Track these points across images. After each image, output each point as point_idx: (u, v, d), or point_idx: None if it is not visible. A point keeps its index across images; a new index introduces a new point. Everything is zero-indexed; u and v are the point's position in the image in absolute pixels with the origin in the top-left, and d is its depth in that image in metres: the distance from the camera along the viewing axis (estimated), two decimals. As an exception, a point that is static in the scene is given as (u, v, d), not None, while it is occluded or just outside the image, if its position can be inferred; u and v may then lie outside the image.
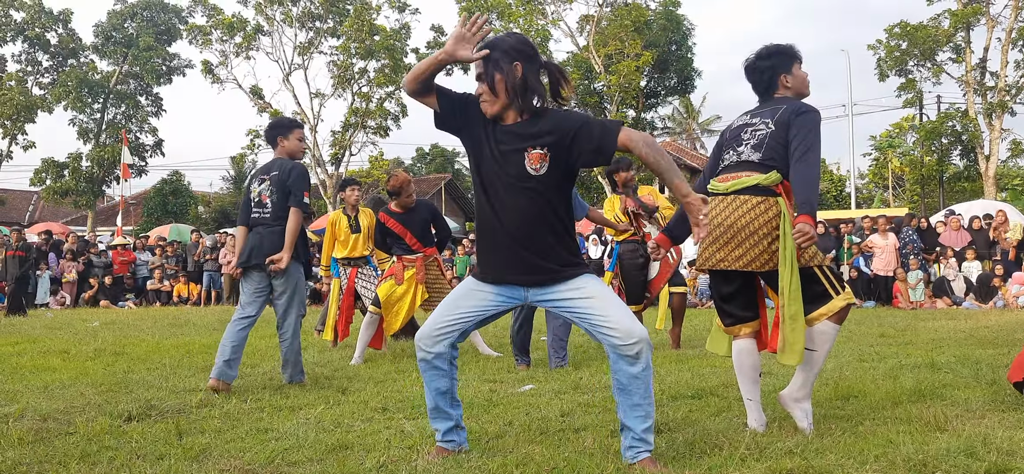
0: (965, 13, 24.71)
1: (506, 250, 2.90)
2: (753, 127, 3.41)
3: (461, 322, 2.97)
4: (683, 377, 5.01)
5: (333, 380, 5.16)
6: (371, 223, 7.20)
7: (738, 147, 3.42)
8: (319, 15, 29.38)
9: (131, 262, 17.37)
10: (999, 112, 24.83)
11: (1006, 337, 7.31)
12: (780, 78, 3.50)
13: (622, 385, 2.81)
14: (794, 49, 3.55)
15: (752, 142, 3.37)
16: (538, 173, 2.84)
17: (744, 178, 3.33)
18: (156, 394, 4.64)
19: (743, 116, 3.54)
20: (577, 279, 2.88)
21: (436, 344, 2.96)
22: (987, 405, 3.85)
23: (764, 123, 3.38)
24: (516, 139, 2.87)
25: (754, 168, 3.32)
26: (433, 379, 3.01)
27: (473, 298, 2.98)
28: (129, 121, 32.09)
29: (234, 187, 36.56)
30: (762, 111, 3.46)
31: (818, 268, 3.35)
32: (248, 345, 7.46)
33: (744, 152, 3.38)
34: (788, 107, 3.36)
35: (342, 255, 7.17)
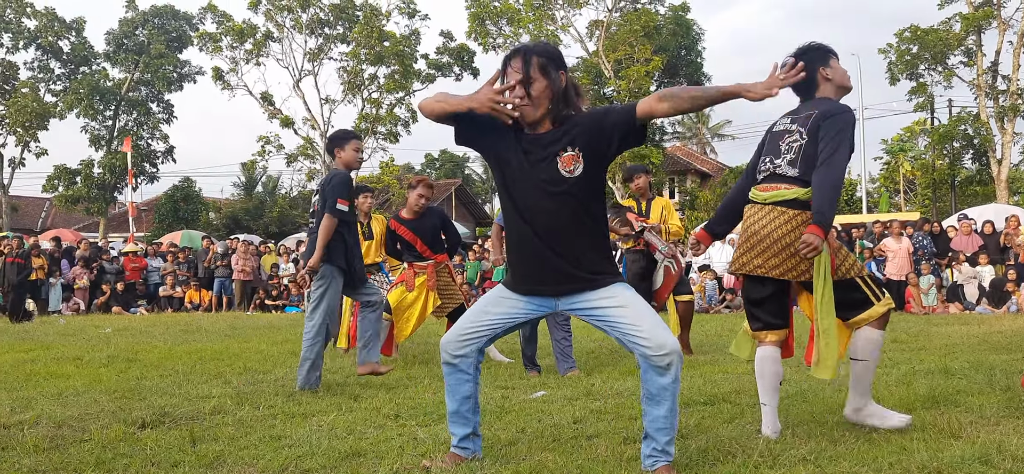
0: (976, 16, 24.60)
1: (538, 259, 2.88)
2: (791, 137, 3.41)
3: (489, 329, 2.98)
4: (696, 383, 5.00)
5: (345, 387, 5.17)
6: (383, 230, 7.24)
7: (776, 158, 3.43)
8: (328, 21, 29.52)
9: (143, 268, 17.46)
10: (1011, 115, 24.68)
11: (1020, 342, 7.26)
12: (819, 72, 3.44)
13: (651, 395, 2.81)
14: (828, 46, 3.52)
15: (789, 155, 3.38)
16: (573, 175, 2.82)
17: (783, 191, 3.36)
18: (169, 401, 4.67)
19: (784, 119, 3.52)
20: (609, 287, 2.86)
21: (462, 348, 2.98)
22: (1001, 412, 3.82)
23: (799, 132, 3.38)
24: (546, 146, 2.85)
25: (791, 182, 3.36)
26: (457, 384, 3.02)
27: (502, 306, 2.98)
28: (141, 128, 32.32)
29: (245, 193, 36.72)
30: (799, 117, 3.43)
31: (858, 277, 3.43)
32: (259, 352, 7.50)
33: (781, 165, 3.40)
34: (820, 112, 3.33)
35: None
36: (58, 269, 16.64)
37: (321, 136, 29.75)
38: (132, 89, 32.49)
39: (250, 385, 5.29)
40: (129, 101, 32.32)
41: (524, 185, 2.87)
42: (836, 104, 3.41)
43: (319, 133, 29.82)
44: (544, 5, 27.96)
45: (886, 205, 29.89)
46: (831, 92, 3.45)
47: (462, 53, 29.85)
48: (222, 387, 5.21)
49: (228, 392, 4.95)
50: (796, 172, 3.33)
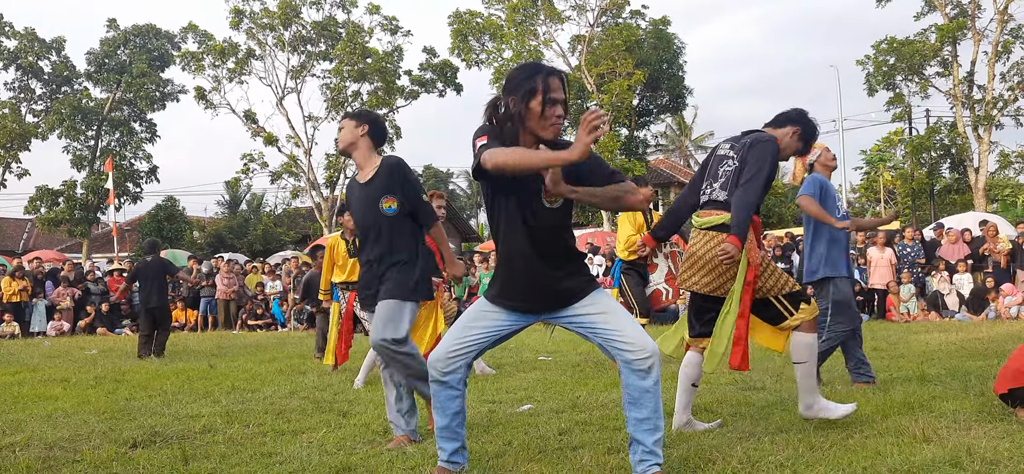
0: (951, 27, 25.04)
1: (528, 278, 2.96)
2: (726, 163, 3.82)
3: (476, 344, 3.04)
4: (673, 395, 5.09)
5: (334, 404, 5.23)
6: None
7: (713, 183, 3.85)
8: (311, 39, 29.56)
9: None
10: (987, 125, 25.11)
11: (996, 348, 7.42)
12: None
13: (633, 399, 2.88)
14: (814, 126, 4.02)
15: (722, 181, 3.81)
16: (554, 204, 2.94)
17: (715, 216, 3.79)
18: (159, 420, 4.70)
19: (724, 144, 3.94)
20: (590, 296, 2.96)
21: (451, 365, 3.03)
22: (974, 416, 3.94)
23: (732, 158, 3.80)
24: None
25: (722, 207, 3.78)
26: (447, 400, 3.08)
27: (486, 320, 3.05)
28: (124, 148, 32.13)
29: (229, 212, 36.57)
30: (735, 143, 3.88)
31: (773, 298, 3.82)
32: (248, 371, 7.54)
33: (715, 190, 3.83)
34: (752, 139, 3.78)
35: (341, 279, 7.23)
36: (42, 290, 16.53)
37: (305, 153, 29.73)
38: (114, 109, 32.33)
39: (239, 404, 5.34)
40: (111, 121, 32.15)
41: (520, 206, 2.94)
42: (765, 132, 3.85)
43: (303, 150, 29.81)
44: (526, 21, 28.18)
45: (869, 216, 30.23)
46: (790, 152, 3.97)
47: (445, 69, 29.98)
48: (211, 406, 5.25)
49: (217, 411, 4.99)
50: (726, 195, 3.76)
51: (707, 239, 3.78)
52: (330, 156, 29.99)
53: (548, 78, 2.87)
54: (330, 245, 7.33)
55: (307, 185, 29.91)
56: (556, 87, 2.88)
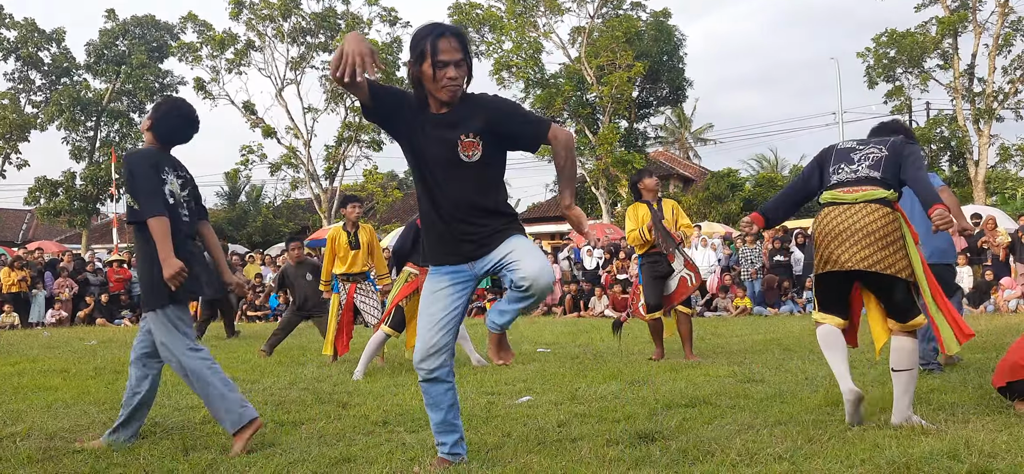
0: (952, 20, 24.99)
1: (449, 232, 2.97)
2: (865, 151, 3.83)
3: (447, 327, 3.02)
4: (677, 386, 5.11)
5: (333, 395, 5.24)
6: (371, 239, 7.31)
7: (851, 165, 3.81)
8: (310, 30, 29.51)
9: (127, 279, 17.39)
10: (987, 118, 25.09)
11: (995, 341, 7.43)
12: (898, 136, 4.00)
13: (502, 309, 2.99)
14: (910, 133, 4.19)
15: (869, 162, 3.78)
16: (471, 160, 2.91)
17: (870, 191, 3.70)
18: (160, 411, 4.71)
19: (851, 141, 3.98)
20: (506, 241, 2.93)
21: (435, 361, 3.03)
22: (972, 409, 3.95)
23: (878, 148, 3.81)
24: (450, 127, 2.92)
25: (876, 183, 3.72)
26: (440, 395, 3.08)
27: (438, 298, 3.02)
28: (124, 140, 32.11)
29: (228, 203, 36.57)
30: (872, 139, 3.93)
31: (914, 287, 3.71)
32: (247, 362, 7.55)
33: (861, 169, 3.77)
34: (896, 139, 3.87)
35: (341, 271, 7.26)
36: (41, 281, 16.54)
37: (304, 145, 29.71)
38: (113, 99, 32.29)
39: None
40: (110, 112, 32.12)
41: (431, 164, 2.95)
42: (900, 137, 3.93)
43: (302, 142, 29.79)
44: (526, 12, 28.12)
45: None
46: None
47: (445, 60, 29.95)
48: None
49: (217, 402, 5.00)
50: (879, 174, 3.73)
51: (869, 211, 3.64)
52: (329, 148, 29.99)
53: (437, 40, 2.83)
54: (331, 237, 7.34)
55: (306, 177, 29.89)
56: (446, 49, 2.83)
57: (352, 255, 7.21)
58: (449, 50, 2.83)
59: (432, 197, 2.98)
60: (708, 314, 14.21)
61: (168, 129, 3.86)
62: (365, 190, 28.75)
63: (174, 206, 3.72)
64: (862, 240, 3.61)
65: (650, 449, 3.34)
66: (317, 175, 30.01)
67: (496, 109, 2.97)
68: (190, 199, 3.89)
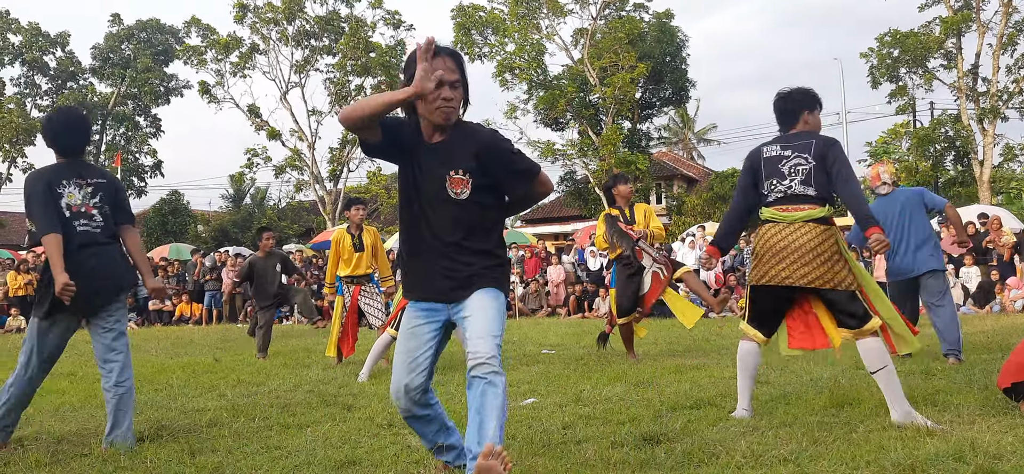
0: (955, 20, 24.93)
1: (426, 267, 2.86)
2: (793, 163, 3.93)
3: (423, 364, 2.89)
4: (682, 388, 5.11)
5: (339, 397, 5.25)
6: (374, 242, 7.35)
7: (783, 181, 3.92)
8: (314, 33, 29.58)
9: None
10: (992, 117, 25.01)
11: (1001, 341, 7.42)
12: (804, 114, 4.06)
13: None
14: (818, 97, 4.12)
15: (800, 177, 3.90)
16: (459, 197, 2.80)
17: (808, 210, 3.85)
18: (165, 414, 4.73)
19: (772, 146, 4.01)
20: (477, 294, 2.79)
21: (416, 397, 2.90)
22: (978, 410, 3.95)
23: (803, 158, 3.89)
24: (441, 160, 2.81)
25: (811, 201, 3.86)
26: (426, 425, 2.99)
27: (414, 336, 2.90)
28: (129, 143, 32.24)
29: (233, 205, 36.65)
30: (794, 145, 3.96)
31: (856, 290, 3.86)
32: (253, 364, 7.57)
33: (794, 186, 3.90)
34: (817, 141, 3.92)
35: (346, 273, 7.29)
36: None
37: (308, 147, 29.78)
38: (119, 103, 32.42)
39: (245, 397, 5.37)
40: (116, 116, 32.25)
41: (421, 195, 2.84)
42: (828, 136, 3.97)
43: (306, 144, 29.86)
44: (529, 14, 28.13)
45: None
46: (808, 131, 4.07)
47: (448, 62, 30.01)
48: (217, 400, 5.28)
49: (223, 405, 5.02)
50: (812, 191, 3.86)
51: (805, 230, 3.81)
52: (333, 150, 30.06)
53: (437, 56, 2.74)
54: (335, 239, 7.37)
55: (311, 179, 29.96)
56: (441, 68, 2.73)
57: (356, 257, 7.25)
58: (444, 70, 2.74)
59: (417, 227, 2.87)
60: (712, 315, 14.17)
61: (65, 143, 3.96)
62: (369, 192, 28.79)
63: (73, 218, 3.81)
64: (802, 258, 3.79)
65: (655, 451, 3.34)
66: (321, 177, 30.09)
67: (489, 147, 2.81)
68: (104, 204, 3.94)
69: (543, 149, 28.43)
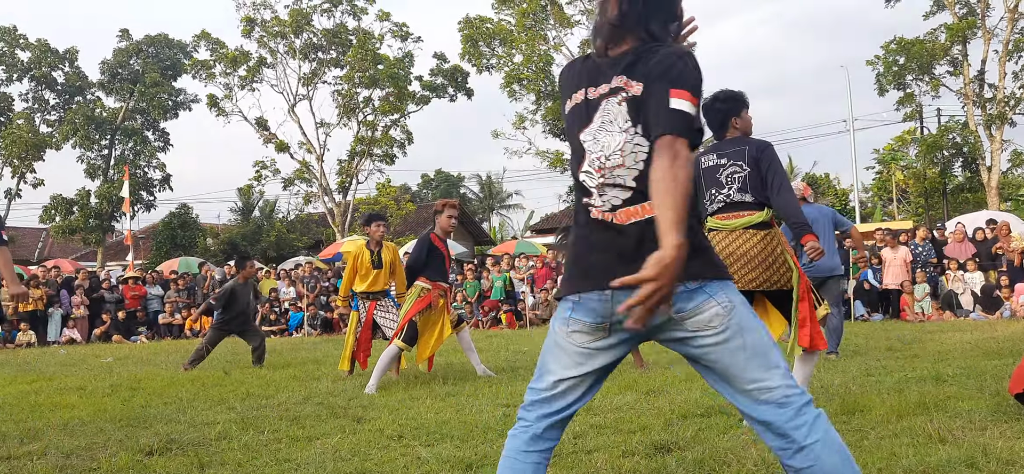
0: (961, 26, 24.88)
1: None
2: (729, 171, 4.04)
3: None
4: (693, 396, 5.10)
5: (348, 409, 5.25)
6: (394, 258, 7.37)
7: (722, 189, 4.06)
8: (322, 46, 29.73)
9: (142, 296, 17.52)
10: (999, 123, 24.92)
11: (1011, 347, 7.36)
12: (732, 119, 4.14)
13: None
14: (744, 96, 4.18)
15: (737, 185, 4.02)
16: None
17: (748, 216, 3.98)
18: (175, 428, 4.74)
19: (709, 155, 4.14)
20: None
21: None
22: (989, 416, 3.92)
23: (738, 165, 4.01)
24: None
25: (751, 208, 3.98)
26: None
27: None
28: (137, 157, 32.42)
29: (242, 218, 36.78)
30: (728, 152, 4.07)
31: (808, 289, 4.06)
32: (261, 377, 7.58)
33: (733, 194, 4.03)
34: (750, 146, 4.00)
35: (362, 289, 7.30)
36: (58, 299, 16.68)
37: (317, 159, 29.88)
38: (127, 118, 32.61)
39: (254, 410, 5.37)
40: (124, 130, 32.43)
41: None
42: (761, 140, 4.08)
43: (315, 157, 29.96)
44: (536, 26, 28.22)
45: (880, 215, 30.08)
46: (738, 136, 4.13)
47: (456, 74, 30.10)
48: (226, 413, 5.29)
49: (232, 418, 5.03)
50: (750, 197, 3.98)
51: (747, 237, 3.96)
52: (342, 162, 30.15)
53: None
54: (354, 254, 7.39)
55: (319, 191, 30.04)
56: None
57: (375, 274, 7.26)
58: None
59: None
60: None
61: None
62: (379, 203, 28.85)
63: None
64: (748, 263, 3.94)
65: (666, 460, 3.33)
66: (330, 189, 30.17)
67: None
68: None
69: (552, 159, 28.47)
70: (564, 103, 2.19)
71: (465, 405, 5.13)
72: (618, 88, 2.02)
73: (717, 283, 2.02)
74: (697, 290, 1.99)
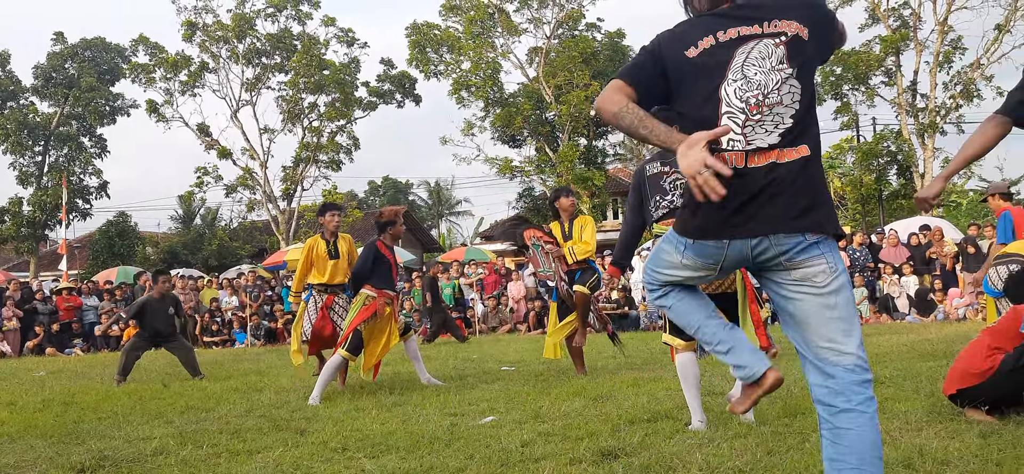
0: (894, 38, 25.83)
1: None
2: (672, 177, 4.10)
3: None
4: (640, 401, 5.13)
5: (291, 422, 5.14)
6: (350, 250, 7.13)
7: (667, 196, 4.11)
8: (266, 51, 29.23)
9: (77, 307, 16.91)
10: (931, 132, 25.89)
11: (945, 349, 7.61)
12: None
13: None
14: None
15: (678, 191, 4.07)
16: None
17: None
18: (109, 444, 4.57)
19: (653, 163, 4.20)
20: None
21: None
22: (925, 417, 4.03)
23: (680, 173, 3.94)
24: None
25: None
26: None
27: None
28: (72, 163, 31.37)
29: (182, 226, 35.89)
30: (671, 160, 4.02)
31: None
32: (201, 389, 7.38)
33: (675, 200, 4.07)
34: None
35: (319, 281, 7.05)
36: (-14, 312, 15.99)
37: (260, 166, 29.34)
38: (62, 123, 31.55)
39: (193, 424, 5.22)
40: (59, 136, 31.36)
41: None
42: None
43: (259, 163, 29.41)
44: (484, 33, 28.24)
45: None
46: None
47: (403, 80, 29.92)
48: (164, 427, 5.12)
49: (170, 432, 4.88)
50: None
51: None
52: (287, 169, 29.66)
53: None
54: (309, 246, 7.12)
55: (263, 198, 29.49)
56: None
57: (332, 265, 6.97)
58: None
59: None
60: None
61: None
62: (324, 211, 28.37)
63: None
64: None
65: (613, 466, 3.33)
66: (274, 196, 29.64)
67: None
68: None
69: (501, 166, 28.49)
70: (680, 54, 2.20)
71: (411, 415, 5.07)
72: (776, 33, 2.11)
73: (831, 243, 2.13)
74: (813, 245, 2.09)
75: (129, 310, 8.87)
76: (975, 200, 30.44)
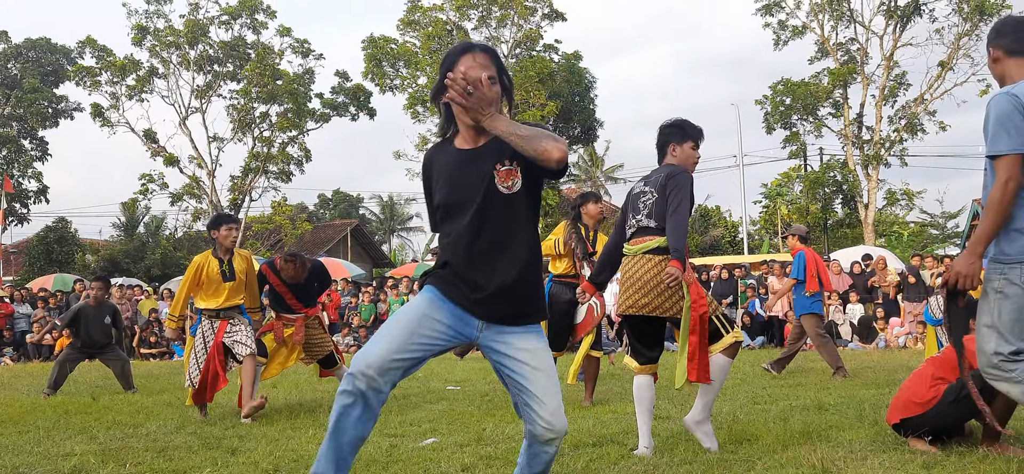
0: (842, 72, 26.59)
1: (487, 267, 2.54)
2: (645, 196, 4.09)
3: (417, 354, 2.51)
4: (585, 425, 5.04)
5: (223, 440, 4.91)
6: (247, 269, 6.17)
7: (637, 215, 4.11)
8: (218, 59, 28.66)
9: (8, 315, 16.19)
10: (875, 163, 26.62)
11: (887, 377, 7.72)
12: (670, 147, 4.16)
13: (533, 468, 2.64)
14: (691, 127, 4.20)
15: (646, 210, 4.08)
16: (511, 191, 2.53)
17: (648, 241, 4.05)
18: (24, 460, 4.29)
19: (640, 182, 4.20)
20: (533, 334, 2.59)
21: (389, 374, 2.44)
22: (869, 446, 4.02)
23: (651, 191, 4.07)
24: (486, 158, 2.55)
25: (652, 232, 4.05)
26: (359, 422, 2.43)
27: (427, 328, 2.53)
28: (11, 166, 30.24)
29: (125, 234, 34.82)
30: (651, 179, 4.13)
31: (713, 316, 4.11)
32: (132, 403, 7.06)
33: (642, 219, 4.09)
34: (665, 173, 4.06)
35: (208, 306, 6.01)
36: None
37: (208, 175, 28.66)
38: (3, 125, 30.42)
39: (118, 440, 4.95)
40: (-2, 137, 30.24)
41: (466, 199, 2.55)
42: (678, 167, 4.09)
43: (206, 172, 28.73)
44: (441, 49, 28.15)
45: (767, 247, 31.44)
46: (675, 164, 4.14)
47: (358, 93, 29.60)
48: (87, 443, 4.85)
49: (93, 449, 4.61)
50: (653, 223, 4.03)
51: (643, 262, 4.02)
52: (235, 178, 29.04)
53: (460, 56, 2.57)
54: (196, 264, 6.00)
55: (210, 207, 28.78)
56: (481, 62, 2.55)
57: (227, 288, 5.95)
58: (474, 66, 2.52)
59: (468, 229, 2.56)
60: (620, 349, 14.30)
61: None
62: (273, 222, 27.88)
63: None
64: (640, 288, 4.00)
65: (555, 493, 3.22)
66: (221, 206, 28.95)
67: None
68: None
69: (453, 183, 28.33)
70: None
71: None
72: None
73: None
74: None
75: (64, 318, 8.49)
76: (916, 231, 31.34)
